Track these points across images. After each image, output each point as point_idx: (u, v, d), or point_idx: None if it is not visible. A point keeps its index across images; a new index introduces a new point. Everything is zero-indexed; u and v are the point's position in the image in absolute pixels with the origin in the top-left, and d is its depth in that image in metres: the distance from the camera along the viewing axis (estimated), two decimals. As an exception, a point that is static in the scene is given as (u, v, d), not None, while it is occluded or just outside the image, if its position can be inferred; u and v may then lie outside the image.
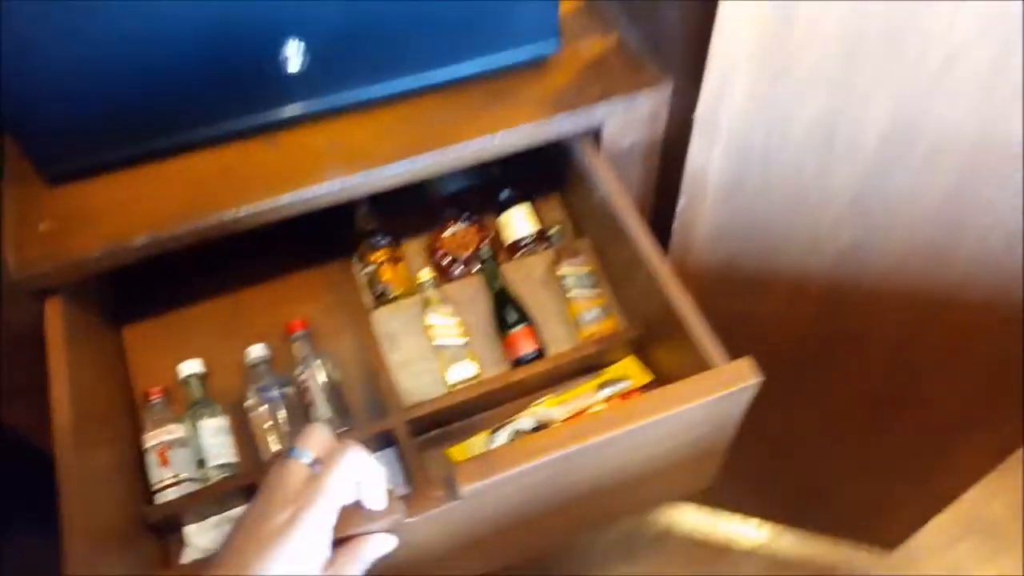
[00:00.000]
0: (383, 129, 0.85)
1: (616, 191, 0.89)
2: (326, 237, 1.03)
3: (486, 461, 0.66)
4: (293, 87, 0.82)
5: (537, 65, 0.89)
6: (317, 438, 0.58)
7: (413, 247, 1.05)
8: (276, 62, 0.79)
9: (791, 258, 1.03)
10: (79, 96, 0.76)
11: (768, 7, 0.73)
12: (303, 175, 0.82)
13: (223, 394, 0.94)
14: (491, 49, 0.86)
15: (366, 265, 0.99)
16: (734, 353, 0.77)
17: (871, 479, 1.54)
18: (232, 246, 0.87)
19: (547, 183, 1.09)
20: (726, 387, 0.73)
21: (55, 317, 0.81)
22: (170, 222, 0.79)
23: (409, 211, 1.05)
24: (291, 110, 0.85)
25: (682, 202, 0.95)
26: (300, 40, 0.78)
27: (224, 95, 0.81)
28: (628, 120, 0.89)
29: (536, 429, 0.89)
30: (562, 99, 0.86)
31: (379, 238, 1.00)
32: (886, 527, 1.74)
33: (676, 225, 0.99)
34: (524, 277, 0.99)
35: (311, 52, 0.79)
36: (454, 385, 0.93)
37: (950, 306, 1.03)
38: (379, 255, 0.99)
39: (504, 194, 1.03)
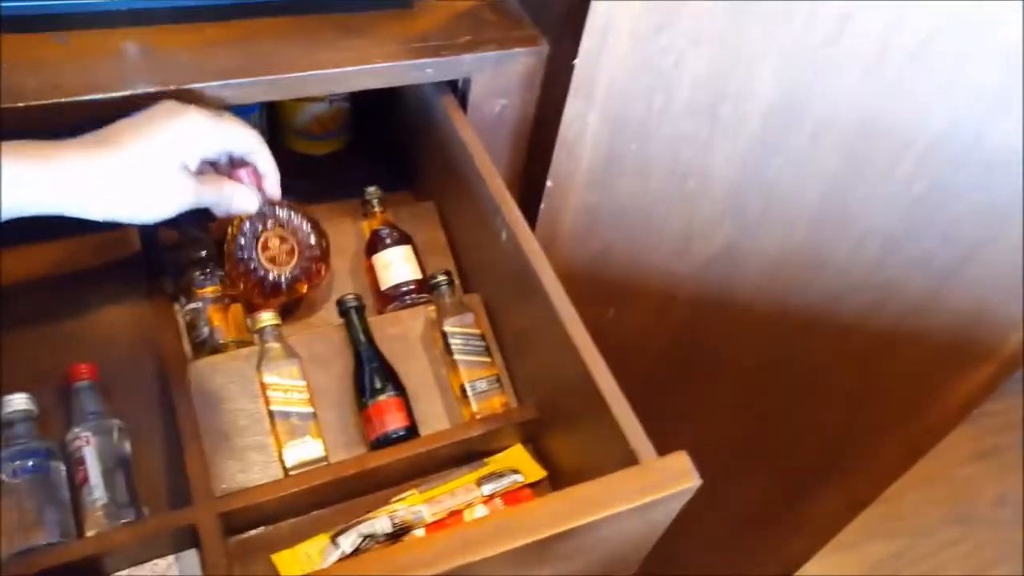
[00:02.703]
0: (207, 44, 0.71)
1: (491, 177, 0.75)
2: (151, 259, 0.80)
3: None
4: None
5: (402, 5, 0.80)
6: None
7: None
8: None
9: (662, 258, 0.96)
10: None
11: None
12: (96, 78, 0.66)
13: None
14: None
15: (190, 301, 0.76)
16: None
17: (705, 544, 1.38)
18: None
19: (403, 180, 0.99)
20: (657, 490, 0.55)
21: None
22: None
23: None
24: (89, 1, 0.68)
25: (551, 182, 0.86)
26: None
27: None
28: (499, 80, 0.81)
29: (395, 534, 0.67)
30: (426, 43, 0.77)
31: (210, 270, 0.77)
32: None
33: (543, 209, 0.88)
34: (399, 335, 0.79)
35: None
36: (292, 468, 0.70)
37: (813, 331, 1.01)
38: (208, 291, 0.76)
39: (383, 231, 0.84)
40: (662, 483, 0.55)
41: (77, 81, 0.66)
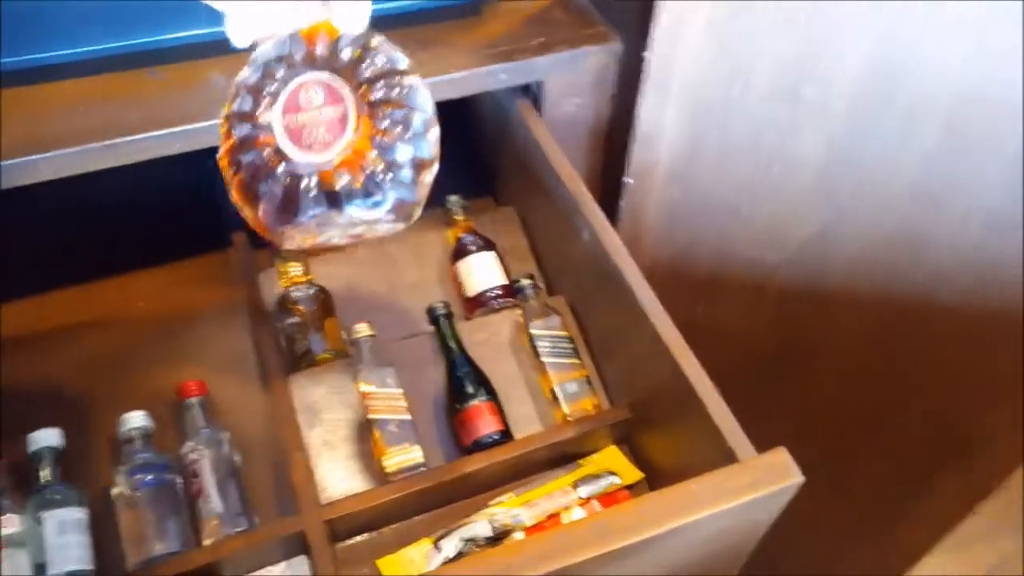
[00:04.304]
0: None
1: (575, 186, 0.74)
2: (250, 279, 0.83)
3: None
4: (183, 7, 0.71)
5: (471, 13, 0.81)
6: None
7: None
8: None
9: (751, 249, 0.93)
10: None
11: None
12: (190, 108, 0.69)
13: (88, 475, 0.71)
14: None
15: (288, 317, 0.79)
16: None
17: (820, 542, 1.33)
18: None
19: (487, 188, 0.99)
20: (758, 488, 0.54)
21: None
22: (34, 146, 0.65)
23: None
24: (180, 35, 0.73)
25: (630, 178, 0.85)
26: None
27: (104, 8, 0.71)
28: (572, 80, 0.81)
29: (495, 538, 0.68)
30: (498, 48, 0.77)
31: (306, 287, 0.80)
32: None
33: (623, 206, 0.87)
34: (487, 339, 0.80)
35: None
36: (392, 475, 0.72)
37: (918, 314, 0.94)
38: (304, 307, 0.79)
39: (467, 239, 0.85)
40: (763, 480, 0.54)
41: (172, 113, 0.70)
